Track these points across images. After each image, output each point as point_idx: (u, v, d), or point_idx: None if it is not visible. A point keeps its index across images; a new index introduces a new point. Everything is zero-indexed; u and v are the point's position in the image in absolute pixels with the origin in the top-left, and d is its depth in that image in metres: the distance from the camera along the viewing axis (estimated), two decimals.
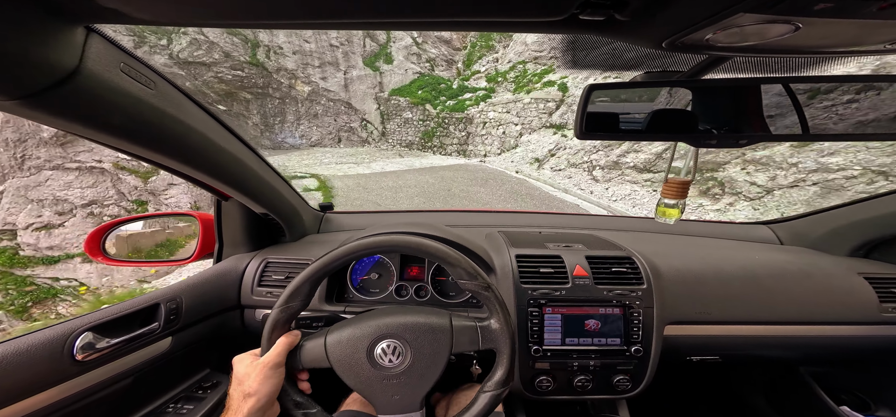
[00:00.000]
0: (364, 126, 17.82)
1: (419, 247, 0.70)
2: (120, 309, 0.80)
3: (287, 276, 1.06)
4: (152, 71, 0.61)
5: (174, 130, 0.67)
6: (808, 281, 1.05)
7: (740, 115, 0.69)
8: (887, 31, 0.40)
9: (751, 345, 1.05)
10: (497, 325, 0.69)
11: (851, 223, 1.19)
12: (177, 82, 0.68)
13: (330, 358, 0.68)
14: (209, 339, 1.00)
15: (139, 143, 0.64)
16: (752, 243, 1.37)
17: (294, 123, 17.32)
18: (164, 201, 8.19)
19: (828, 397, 1.21)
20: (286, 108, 17.05)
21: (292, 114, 17.19)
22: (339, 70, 17.86)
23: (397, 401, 0.67)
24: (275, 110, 16.93)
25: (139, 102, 0.58)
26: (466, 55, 19.34)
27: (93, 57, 0.50)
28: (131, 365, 0.80)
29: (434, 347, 0.68)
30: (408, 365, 0.67)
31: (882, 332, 1.03)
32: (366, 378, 0.67)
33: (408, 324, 0.69)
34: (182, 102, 0.68)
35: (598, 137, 0.71)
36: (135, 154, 0.69)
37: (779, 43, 0.46)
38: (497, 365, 0.69)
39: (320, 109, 17.49)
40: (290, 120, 17.23)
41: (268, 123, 16.88)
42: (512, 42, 16.63)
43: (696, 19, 0.42)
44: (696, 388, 1.61)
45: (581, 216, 1.61)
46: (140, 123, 0.60)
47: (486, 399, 0.67)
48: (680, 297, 1.00)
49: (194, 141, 0.73)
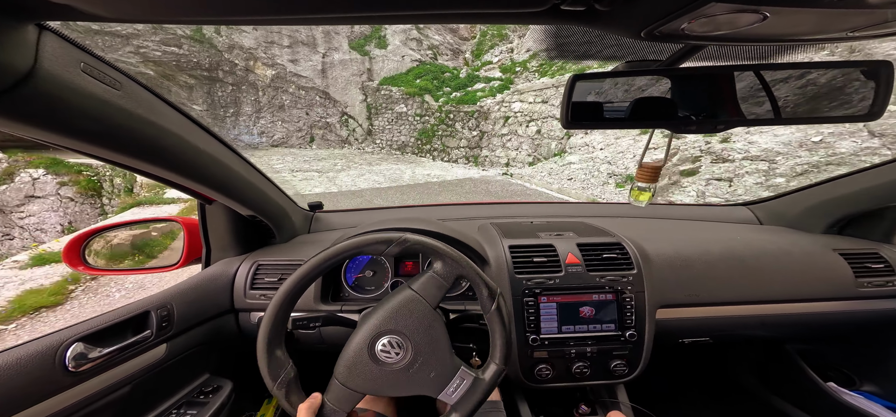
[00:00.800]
0: (344, 122, 14.35)
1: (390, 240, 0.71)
2: (109, 319, 0.79)
3: (280, 277, 1.05)
4: (118, 71, 0.59)
5: (146, 132, 0.65)
6: (788, 260, 1.09)
7: (717, 101, 0.72)
8: (848, 19, 0.43)
9: (739, 325, 1.08)
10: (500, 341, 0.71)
11: (825, 202, 1.24)
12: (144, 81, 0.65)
13: (355, 388, 0.68)
14: (206, 344, 0.99)
15: (108, 147, 0.62)
16: (734, 224, 1.42)
17: (252, 117, 13.72)
18: (17, 221, 6.10)
19: (815, 373, 1.27)
20: (242, 96, 13.43)
21: (250, 104, 13.58)
22: (315, 51, 14.20)
23: (435, 378, 0.68)
24: (226, 99, 13.30)
25: (105, 104, 0.56)
26: (476, 44, 16.46)
27: (48, 57, 0.47)
28: (128, 374, 0.79)
29: (419, 317, 0.69)
30: (411, 352, 0.68)
31: (859, 307, 1.08)
32: (388, 381, 0.67)
33: (388, 315, 0.69)
34: (153, 104, 0.66)
35: (583, 127, 0.73)
36: (106, 159, 0.66)
37: (749, 31, 0.48)
38: (492, 343, 0.71)
39: (287, 100, 13.85)
40: (247, 112, 13.61)
41: (216, 116, 13.17)
42: (529, 30, 13.62)
43: (671, 9, 0.43)
44: (691, 370, 1.67)
45: (569, 204, 1.64)
46: (107, 127, 0.58)
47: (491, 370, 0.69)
48: (669, 281, 1.03)
49: (170, 144, 0.71)
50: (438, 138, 12.38)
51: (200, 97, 13.22)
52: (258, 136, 14.00)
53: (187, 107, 12.68)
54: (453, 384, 0.68)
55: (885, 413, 1.12)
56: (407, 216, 1.11)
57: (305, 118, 14.41)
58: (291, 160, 11.94)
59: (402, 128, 13.63)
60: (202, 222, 1.11)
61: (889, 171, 1.07)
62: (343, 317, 0.88)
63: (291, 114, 14.27)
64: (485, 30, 16.69)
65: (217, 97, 13.50)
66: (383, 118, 14.02)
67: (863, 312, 1.08)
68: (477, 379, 0.69)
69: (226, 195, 0.94)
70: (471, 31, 16.72)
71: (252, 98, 13.84)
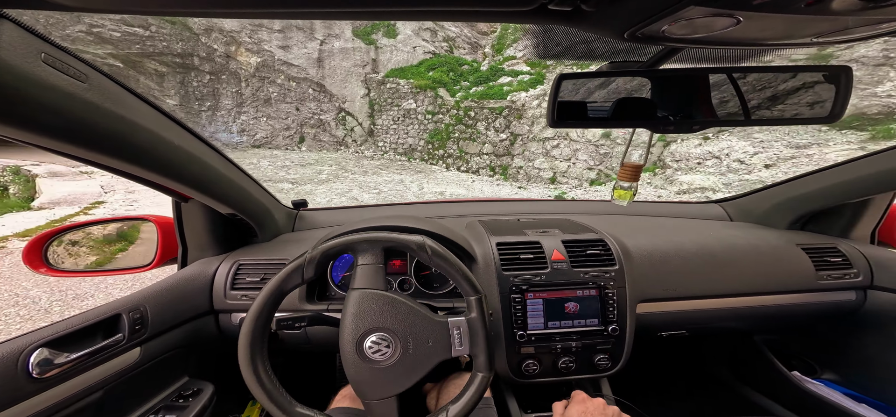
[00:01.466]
0: (341, 120, 12.16)
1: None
2: (76, 323, 0.75)
3: (262, 277, 1.02)
4: (83, 62, 0.56)
5: (115, 128, 0.62)
6: (756, 254, 1.15)
7: (693, 102, 0.75)
8: (814, 26, 0.46)
9: (712, 318, 1.13)
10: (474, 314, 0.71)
11: (789, 199, 1.32)
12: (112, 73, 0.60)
13: (375, 396, 0.68)
14: (184, 347, 0.96)
15: (74, 143, 0.59)
16: (707, 220, 1.48)
17: (231, 112, 11.72)
18: None
19: (781, 363, 1.34)
20: (221, 88, 11.49)
21: (230, 97, 11.63)
22: (312, 38, 12.23)
23: (434, 345, 0.69)
24: (202, 91, 11.36)
25: (69, 98, 0.53)
26: (497, 39, 14.36)
27: (6, 46, 0.45)
28: (99, 379, 0.76)
29: (431, 346, 0.69)
30: (398, 359, 0.68)
31: (819, 298, 1.15)
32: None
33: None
34: (123, 97, 0.63)
35: (568, 125, 0.74)
36: (73, 156, 0.63)
37: (723, 35, 0.50)
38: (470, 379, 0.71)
39: (274, 92, 11.84)
40: (226, 106, 11.64)
41: (190, 110, 11.28)
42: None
43: (653, 11, 0.45)
44: (669, 363, 1.73)
45: (555, 202, 1.67)
46: (71, 121, 0.55)
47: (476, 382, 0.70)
48: (648, 276, 1.06)
49: (142, 140, 0.68)
50: (454, 141, 9.91)
51: (173, 88, 11.23)
52: (238, 134, 11.89)
53: (160, 101, 11.10)
54: (455, 337, 0.69)
55: (843, 399, 1.20)
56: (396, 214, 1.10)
57: (295, 114, 12.12)
58: (267, 166, 9.95)
59: (410, 128, 11.32)
60: (177, 220, 1.06)
61: (845, 171, 1.15)
62: (330, 317, 0.87)
63: (278, 109, 12.17)
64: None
65: (192, 88, 11.43)
66: (388, 116, 11.73)
67: (823, 303, 1.15)
68: (470, 319, 0.70)
69: (204, 193, 0.91)
70: (491, 25, 14.57)
71: (233, 90, 11.82)
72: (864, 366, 1.23)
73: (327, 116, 12.40)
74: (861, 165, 1.09)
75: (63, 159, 0.68)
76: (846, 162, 1.15)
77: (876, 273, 1.16)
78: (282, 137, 12.26)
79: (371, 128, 12.03)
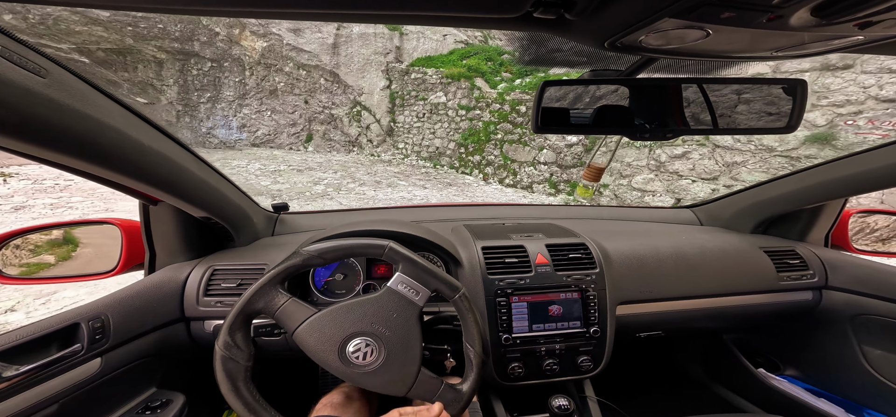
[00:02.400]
0: (356, 115, 10.41)
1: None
2: (28, 333, 0.70)
3: (239, 283, 0.98)
4: (46, 57, 0.54)
5: (78, 126, 0.59)
6: (724, 257, 1.21)
7: (667, 111, 0.80)
8: (773, 40, 0.50)
9: (685, 318, 1.18)
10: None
11: (753, 204, 1.41)
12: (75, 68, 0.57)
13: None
14: (151, 356, 0.91)
15: (34, 142, 0.55)
16: (680, 225, 1.56)
17: (232, 104, 10.32)
18: None
19: (747, 361, 1.41)
20: (222, 76, 10.13)
21: (232, 87, 10.29)
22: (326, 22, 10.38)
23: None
24: (202, 80, 10.02)
25: (27, 94, 0.50)
26: None
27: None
28: (54, 392, 0.70)
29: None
30: (383, 360, 0.67)
31: (780, 298, 1.22)
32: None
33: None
34: (87, 94, 0.60)
35: (552, 131, 0.77)
36: (33, 156, 0.59)
37: (694, 47, 0.54)
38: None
39: (281, 82, 10.34)
40: (227, 98, 10.27)
41: (188, 102, 10.03)
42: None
43: (631, 21, 0.48)
44: (646, 363, 1.79)
45: (539, 207, 1.70)
46: (31, 119, 0.52)
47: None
48: (627, 278, 1.10)
49: (108, 139, 0.65)
50: (497, 145, 7.35)
51: (171, 77, 9.80)
52: (238, 130, 10.22)
53: (159, 92, 9.77)
54: (407, 292, 0.72)
55: (804, 394, 1.28)
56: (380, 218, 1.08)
57: (303, 108, 10.39)
58: (256, 169, 8.24)
59: (437, 126, 9.11)
60: (145, 224, 1.00)
61: (801, 178, 1.24)
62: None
63: (285, 101, 10.45)
64: None
65: (191, 77, 9.94)
66: (411, 112, 9.78)
67: (783, 303, 1.23)
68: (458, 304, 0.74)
69: (175, 196, 0.87)
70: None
71: (235, 79, 10.29)
72: (821, 362, 1.32)
73: (340, 110, 10.55)
74: (816, 173, 1.19)
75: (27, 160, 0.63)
76: (803, 170, 1.24)
77: (830, 274, 1.25)
78: (286, 135, 10.45)
79: (390, 126, 10.06)
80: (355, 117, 10.51)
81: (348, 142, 10.54)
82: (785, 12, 0.40)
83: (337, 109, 10.47)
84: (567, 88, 0.73)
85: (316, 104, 10.57)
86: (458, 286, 0.74)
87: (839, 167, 1.11)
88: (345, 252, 0.74)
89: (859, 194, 1.16)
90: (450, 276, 0.75)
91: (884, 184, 1.03)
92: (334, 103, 10.64)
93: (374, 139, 10.16)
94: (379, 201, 7.23)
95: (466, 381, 0.73)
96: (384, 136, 10.15)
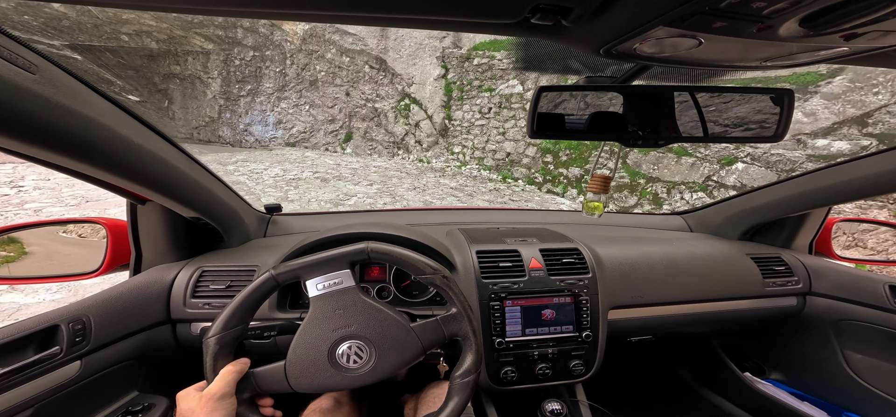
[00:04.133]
0: (403, 110, 8.44)
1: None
2: (4, 335, 0.67)
3: (229, 285, 0.96)
4: (34, 52, 0.53)
5: (68, 123, 0.58)
6: (713, 264, 1.24)
7: (659, 119, 0.81)
8: (762, 50, 0.51)
9: (676, 323, 1.20)
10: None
11: (741, 212, 1.44)
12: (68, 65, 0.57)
13: (292, 384, 0.65)
14: (135, 359, 0.88)
15: (23, 139, 0.55)
16: (670, 231, 1.58)
17: (271, 97, 9.17)
18: None
19: (734, 365, 1.44)
20: (263, 68, 9.05)
21: (272, 78, 9.15)
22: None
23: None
24: (243, 71, 9.02)
25: (16, 90, 0.50)
26: None
27: None
28: (30, 396, 0.68)
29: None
30: (372, 366, 0.66)
31: (766, 304, 1.24)
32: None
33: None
34: (77, 90, 0.60)
35: (547, 136, 0.77)
36: (21, 153, 0.58)
37: (687, 55, 0.55)
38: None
39: (322, 71, 8.94)
40: (267, 90, 9.16)
41: (230, 96, 9.04)
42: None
43: (626, 29, 0.49)
44: (636, 367, 1.80)
45: (534, 212, 1.71)
46: (17, 115, 0.51)
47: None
48: (618, 283, 1.11)
49: (98, 137, 0.64)
50: (614, 155, 5.06)
51: (216, 68, 8.83)
52: (274, 127, 9.08)
53: (206, 84, 9.09)
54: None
55: (788, 397, 1.30)
56: (374, 221, 1.08)
57: (344, 101, 8.76)
58: (273, 176, 6.64)
59: (508, 124, 6.79)
60: (132, 223, 0.98)
61: (788, 187, 1.28)
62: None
63: (324, 93, 8.97)
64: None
65: (234, 69, 8.87)
66: (472, 106, 7.50)
67: (769, 308, 1.26)
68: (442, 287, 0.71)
69: (164, 195, 0.86)
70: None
71: (276, 69, 9.10)
72: (805, 366, 1.35)
73: (385, 103, 8.72)
74: (801, 182, 1.22)
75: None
76: (790, 179, 1.28)
77: (813, 281, 1.28)
78: (323, 133, 8.83)
79: (444, 124, 7.88)
80: (403, 112, 8.38)
81: (393, 143, 8.54)
82: (774, 23, 0.41)
83: (382, 103, 8.68)
84: (563, 93, 0.74)
85: (358, 96, 8.92)
86: (438, 268, 0.72)
87: (824, 176, 1.14)
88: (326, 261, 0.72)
89: (843, 202, 1.19)
90: (429, 260, 0.73)
91: (867, 193, 1.06)
92: (379, 95, 8.90)
93: (423, 140, 7.99)
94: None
95: (463, 364, 0.69)
96: (436, 136, 7.96)
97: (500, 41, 8.70)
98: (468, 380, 0.69)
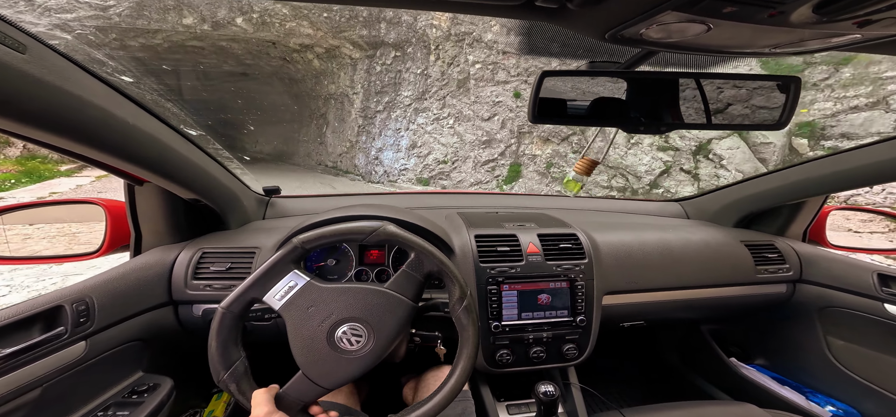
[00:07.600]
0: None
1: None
2: (10, 314, 0.68)
3: (229, 266, 0.97)
4: (23, 32, 0.52)
5: (60, 103, 0.58)
6: (707, 250, 1.24)
7: (662, 106, 0.80)
8: (772, 36, 0.50)
9: (668, 309, 1.21)
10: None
11: (737, 200, 1.44)
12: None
13: (319, 383, 0.67)
14: (138, 340, 0.89)
15: (13, 119, 0.54)
16: (667, 218, 1.59)
17: (407, 110, 7.41)
18: None
19: (721, 350, 1.47)
20: (403, 72, 7.45)
21: (411, 84, 7.33)
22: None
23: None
24: (384, 80, 7.49)
25: (6, 69, 0.49)
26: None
27: None
28: (37, 376, 0.69)
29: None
30: (375, 340, 0.67)
31: (756, 291, 1.26)
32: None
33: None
34: (69, 71, 0.59)
35: (549, 122, 0.76)
36: (13, 133, 0.58)
37: (694, 41, 0.54)
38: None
39: (477, 63, 6.42)
40: (404, 101, 7.40)
41: (367, 112, 7.71)
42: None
43: (633, 13, 0.47)
44: (627, 352, 1.84)
45: (533, 197, 1.71)
46: (10, 95, 0.51)
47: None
48: (614, 269, 1.12)
49: (90, 117, 0.64)
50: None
51: (360, 80, 7.60)
52: (405, 152, 6.91)
53: (352, 100, 8.05)
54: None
55: (769, 382, 1.34)
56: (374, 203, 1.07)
57: (509, 108, 6.14)
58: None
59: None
60: (130, 205, 0.97)
61: (785, 175, 1.28)
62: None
63: (478, 97, 6.44)
64: None
65: (374, 77, 7.50)
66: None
67: (759, 295, 1.27)
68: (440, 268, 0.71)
69: (162, 176, 0.85)
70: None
71: (417, 70, 7.17)
72: (789, 352, 1.38)
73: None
74: (798, 171, 1.22)
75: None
76: (787, 167, 1.27)
77: (805, 268, 1.30)
78: (472, 164, 6.08)
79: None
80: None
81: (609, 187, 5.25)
82: (786, 8, 0.40)
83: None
84: (566, 78, 0.72)
85: (526, 105, 5.00)
86: (376, 224, 0.72)
87: (821, 166, 1.14)
88: (338, 236, 0.72)
89: (839, 191, 1.19)
90: (361, 223, 0.73)
91: (863, 183, 1.06)
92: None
93: (674, 182, 4.82)
94: None
95: (462, 354, 0.70)
96: (691, 174, 4.99)
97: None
98: (465, 304, 0.70)
